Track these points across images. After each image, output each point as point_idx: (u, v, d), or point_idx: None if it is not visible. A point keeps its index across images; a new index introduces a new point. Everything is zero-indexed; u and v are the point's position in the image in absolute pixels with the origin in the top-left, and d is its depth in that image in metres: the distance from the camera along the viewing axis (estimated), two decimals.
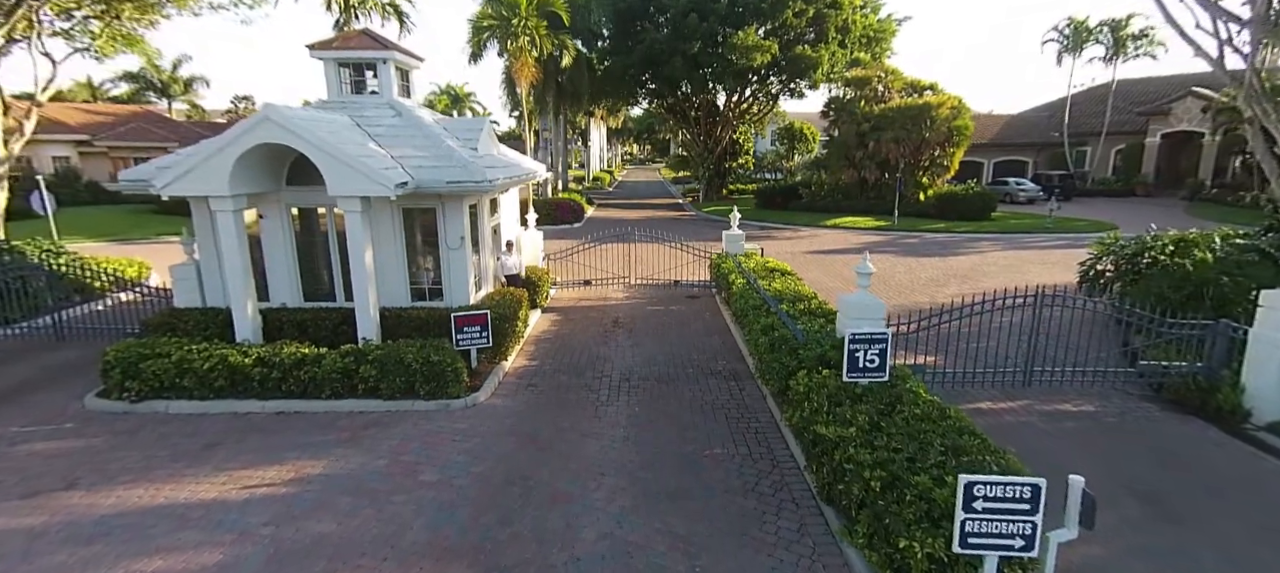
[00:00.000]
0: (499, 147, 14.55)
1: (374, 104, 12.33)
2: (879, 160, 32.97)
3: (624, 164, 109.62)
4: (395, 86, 12.57)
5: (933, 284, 18.32)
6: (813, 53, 33.88)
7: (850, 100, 34.35)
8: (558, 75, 36.08)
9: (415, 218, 11.51)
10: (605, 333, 13.54)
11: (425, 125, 11.86)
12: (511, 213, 15.76)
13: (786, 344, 8.64)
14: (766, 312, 10.32)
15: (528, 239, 16.45)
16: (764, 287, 11.94)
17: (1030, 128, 47.41)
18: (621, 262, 18.33)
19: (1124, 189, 41.60)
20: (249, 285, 10.37)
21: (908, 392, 7.08)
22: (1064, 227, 28.73)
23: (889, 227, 29.89)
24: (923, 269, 20.58)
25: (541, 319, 14.62)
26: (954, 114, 31.58)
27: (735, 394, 10.07)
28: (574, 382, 10.71)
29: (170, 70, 57.36)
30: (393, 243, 11.38)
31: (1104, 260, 14.49)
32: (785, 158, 54.08)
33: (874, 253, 23.77)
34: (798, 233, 29.71)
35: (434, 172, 10.72)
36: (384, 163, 10.30)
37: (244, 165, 9.84)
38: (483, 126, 13.11)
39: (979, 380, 10.69)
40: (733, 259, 15.23)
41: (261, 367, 9.44)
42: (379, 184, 9.62)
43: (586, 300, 16.52)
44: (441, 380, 9.46)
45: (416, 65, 13.47)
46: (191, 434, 8.78)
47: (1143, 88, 44.75)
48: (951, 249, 24.51)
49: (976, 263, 21.54)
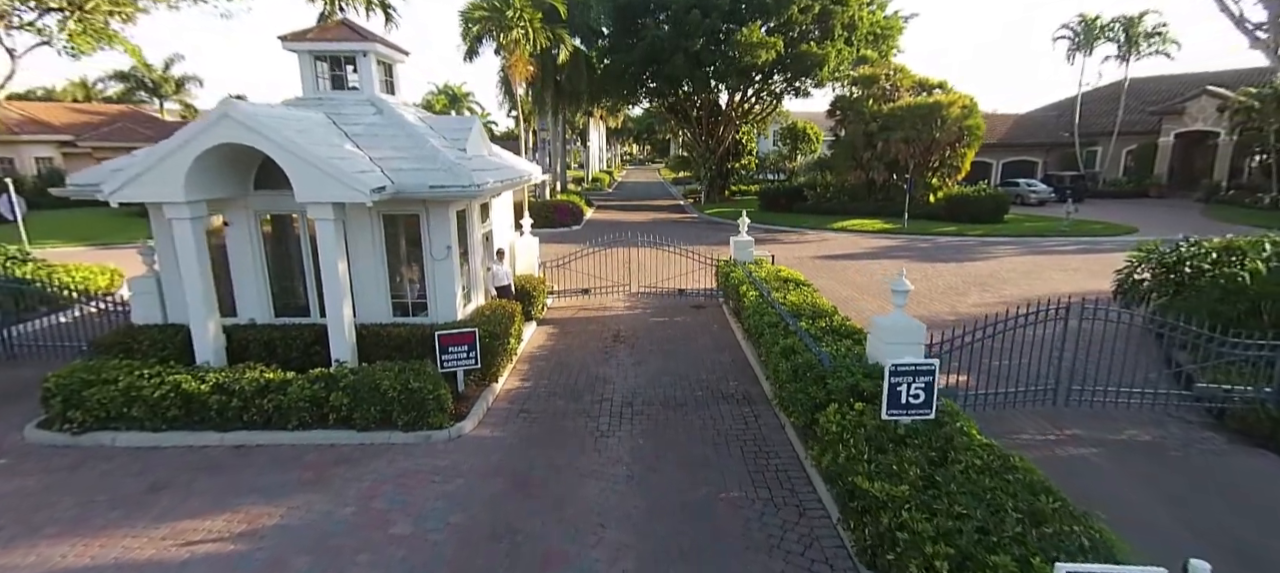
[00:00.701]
0: (491, 147, 13.54)
1: (353, 101, 11.31)
2: (887, 161, 31.95)
3: (623, 164, 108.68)
4: (377, 82, 11.54)
5: (952, 292, 17.31)
6: (819, 50, 32.86)
7: (857, 99, 33.32)
8: (556, 74, 35.06)
9: (398, 225, 10.48)
10: (605, 349, 12.51)
11: (408, 124, 10.83)
12: (505, 218, 14.74)
13: (811, 371, 7.61)
14: (785, 331, 9.29)
15: (522, 246, 15.43)
16: (779, 300, 10.91)
17: (1039, 128, 46.41)
18: (622, 268, 17.31)
19: (1136, 190, 40.59)
20: (210, 301, 9.34)
21: (958, 433, 6.06)
22: (1080, 230, 27.72)
23: (899, 230, 28.87)
24: (939, 276, 19.56)
25: (537, 333, 13.59)
26: (965, 113, 30.56)
27: (750, 423, 9.04)
28: (571, 407, 9.67)
29: (162, 69, 56.27)
30: (372, 253, 10.36)
31: (1142, 269, 13.46)
32: (788, 158, 53.02)
33: (886, 258, 22.79)
34: (804, 236, 28.69)
35: (416, 175, 9.70)
36: (360, 165, 9.28)
37: (203, 168, 8.82)
38: (472, 126, 12.08)
39: (1013, 402, 9.69)
40: (742, 268, 14.20)
41: (220, 394, 8.41)
42: (352, 189, 8.60)
43: (586, 311, 15.50)
44: (422, 410, 8.43)
45: (400, 59, 12.44)
46: (138, 473, 7.76)
47: (1154, 86, 43.75)
48: (966, 254, 23.49)
49: (994, 269, 20.52)
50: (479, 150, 12.37)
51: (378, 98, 11.37)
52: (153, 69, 55.78)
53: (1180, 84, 42.65)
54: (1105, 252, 23.53)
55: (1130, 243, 25.03)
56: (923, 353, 7.86)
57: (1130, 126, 42.23)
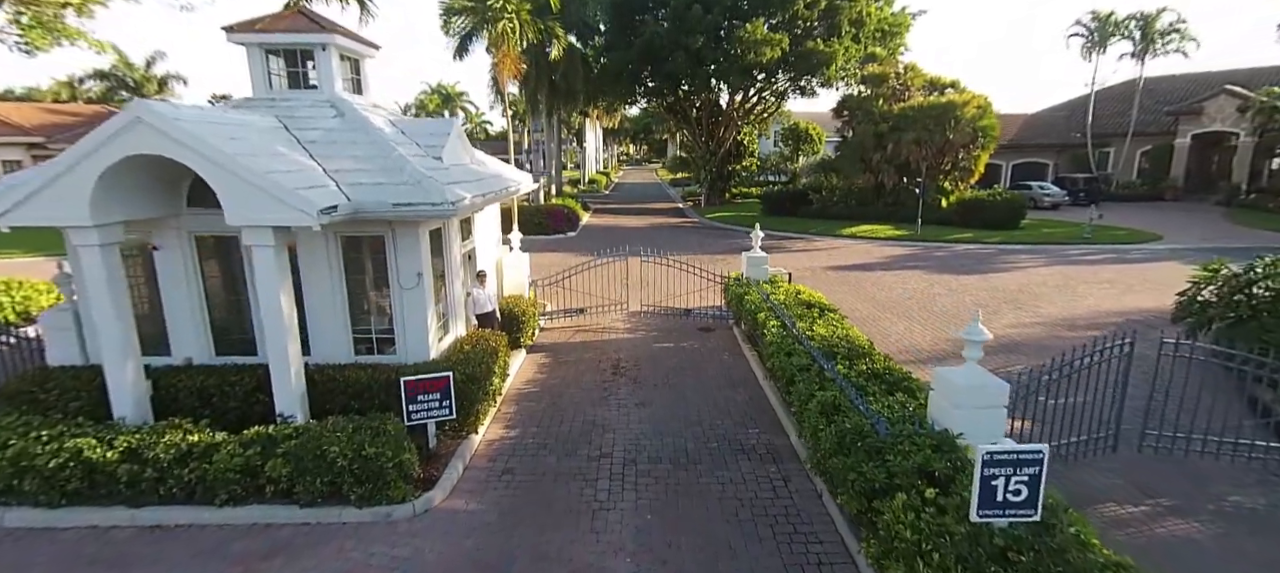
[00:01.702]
0: (474, 153, 12.00)
1: (311, 102, 9.74)
2: (898, 164, 30.48)
3: (620, 164, 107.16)
4: (339, 80, 9.98)
5: (983, 311, 15.69)
6: (825, 47, 31.34)
7: (866, 98, 31.85)
8: (550, 72, 33.49)
9: (361, 249, 8.92)
10: (604, 383, 10.97)
11: (373, 129, 9.26)
12: (490, 233, 13.19)
13: (862, 440, 6.08)
14: (820, 379, 7.75)
15: (510, 263, 13.87)
16: (805, 332, 9.38)
17: (1049, 128, 45.01)
18: (621, 284, 15.76)
19: (1151, 193, 39.21)
20: (126, 343, 7.75)
21: (1074, 544, 4.54)
22: (1103, 237, 26.28)
23: (912, 236, 27.39)
24: (965, 290, 18.07)
25: (526, 363, 12.04)
26: (980, 114, 29.11)
27: (779, 490, 7.50)
28: (564, 467, 8.13)
29: (143, 68, 54.47)
30: (329, 281, 8.79)
31: (1207, 289, 11.98)
32: (790, 160, 51.51)
33: (903, 268, 21.31)
34: (812, 243, 27.20)
35: (377, 190, 8.15)
36: (308, 179, 7.72)
37: (116, 183, 7.25)
38: (450, 130, 10.52)
39: (1076, 454, 8.20)
40: (756, 288, 12.66)
41: (132, 462, 6.84)
42: (294, 209, 7.04)
43: (581, 335, 13.95)
44: (379, 480, 6.87)
45: (369, 54, 10.87)
46: (21, 566, 6.19)
47: (1169, 86, 42.37)
48: (988, 264, 22.01)
49: (1023, 282, 19.04)
50: (459, 158, 10.81)
51: (340, 98, 9.80)
52: (134, 67, 54.05)
53: (1195, 83, 41.32)
54: (1135, 261, 22.11)
55: (1160, 252, 23.67)
56: (1005, 418, 6.33)
57: (1144, 127, 40.86)
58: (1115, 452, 8.47)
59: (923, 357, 12.39)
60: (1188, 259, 22.21)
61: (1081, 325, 14.50)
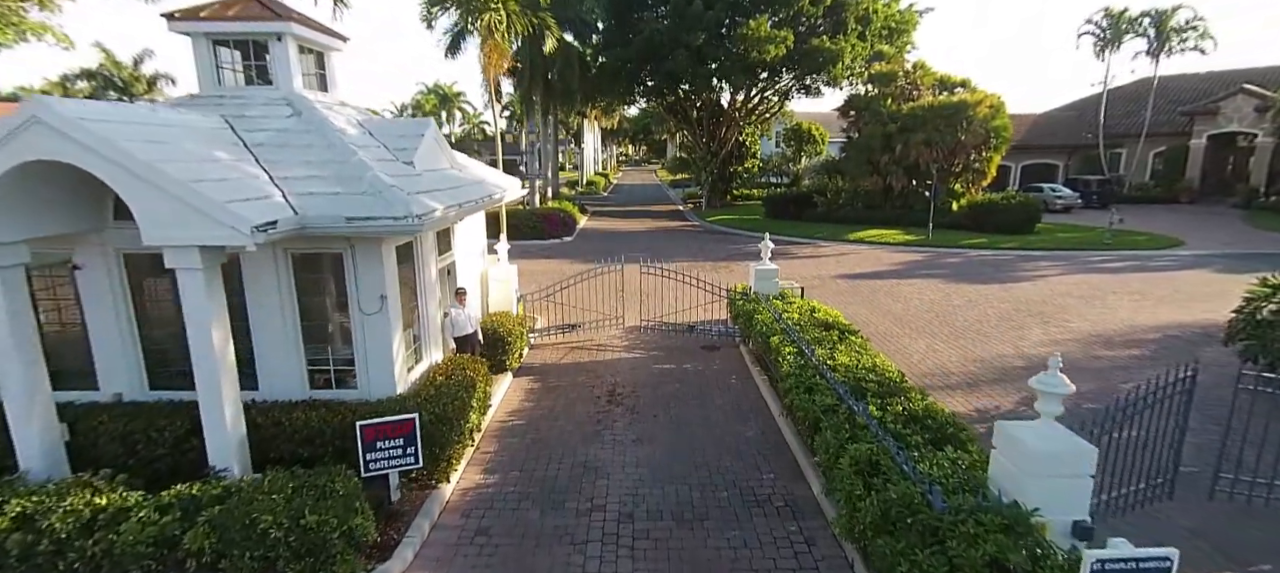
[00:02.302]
0: (454, 157, 10.83)
1: (264, 100, 8.57)
2: (907, 165, 29.30)
3: (619, 165, 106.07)
4: (297, 75, 8.81)
5: (1008, 325, 14.64)
6: (831, 45, 30.18)
7: (874, 98, 30.71)
8: (546, 70, 32.33)
9: (316, 268, 7.75)
10: (598, 415, 9.80)
11: (331, 130, 8.09)
12: (474, 243, 12.02)
13: (913, 516, 4.90)
14: (849, 423, 6.56)
15: (496, 276, 12.70)
16: (825, 361, 8.21)
17: (1059, 128, 43.84)
18: (618, 296, 14.60)
19: (1166, 195, 38.04)
20: (32, 381, 6.57)
21: None
22: (1123, 242, 25.12)
23: (923, 242, 26.23)
24: (985, 301, 16.90)
25: (512, 390, 10.87)
26: (993, 113, 27.98)
27: (803, 557, 6.33)
28: (549, 524, 6.96)
29: (132, 66, 53.25)
30: (279, 306, 7.62)
31: (1268, 307, 10.81)
32: (792, 161, 50.35)
33: (917, 276, 20.16)
34: (819, 249, 26.04)
35: (330, 201, 6.99)
36: (246, 189, 6.55)
37: (16, 195, 6.08)
38: (424, 131, 9.35)
39: (1128, 504, 7.02)
40: (766, 306, 11.49)
41: (25, 531, 5.67)
42: (223, 225, 5.88)
43: (574, 354, 12.78)
44: (322, 555, 5.69)
45: (335, 46, 9.71)
46: None
47: (1181, 85, 41.24)
48: (1006, 272, 20.86)
49: (1046, 292, 17.88)
50: (434, 163, 9.63)
51: (297, 95, 8.64)
52: (122, 66, 52.83)
53: (1210, 82, 40.19)
54: (1161, 269, 20.95)
55: (1185, 259, 22.50)
56: (1091, 487, 5.15)
57: (1158, 127, 39.72)
58: (1171, 499, 7.30)
59: (952, 382, 11.23)
60: (1215, 267, 21.08)
61: (1117, 343, 13.35)
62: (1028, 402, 10.24)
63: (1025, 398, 10.38)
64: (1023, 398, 10.41)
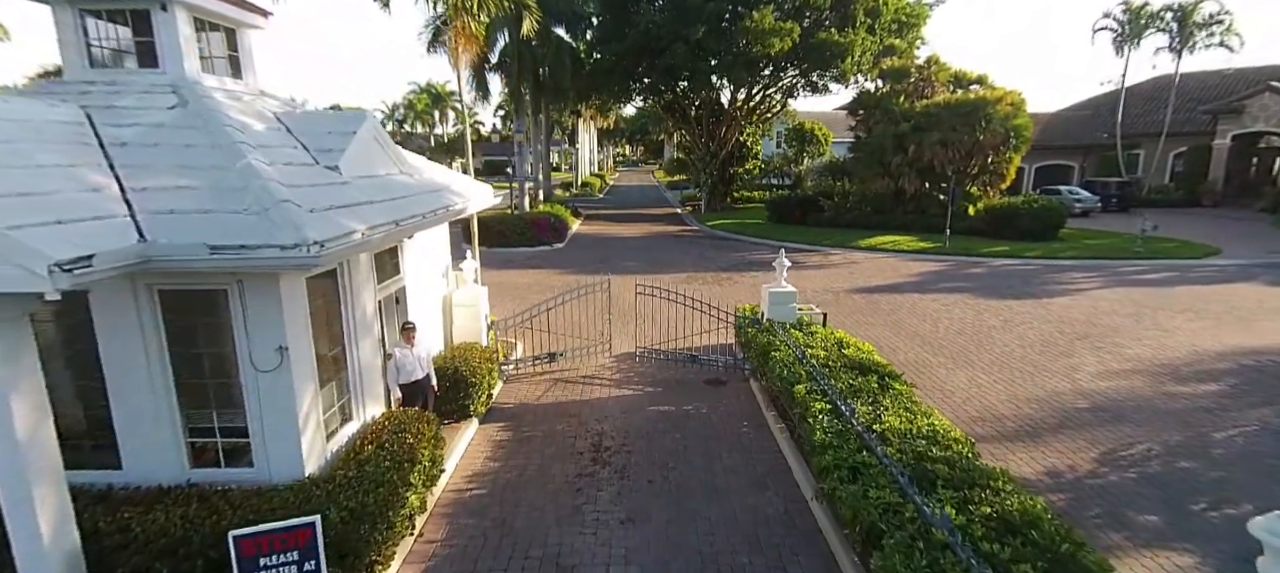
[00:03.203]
0: (405, 159, 8.89)
1: (144, 87, 6.65)
2: (920, 167, 27.44)
3: (616, 166, 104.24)
4: (191, 55, 6.88)
5: (1054, 352, 12.76)
6: (840, 38, 28.31)
7: (885, 95, 28.86)
8: (537, 66, 30.40)
9: (201, 307, 5.82)
10: (578, 478, 7.89)
11: (220, 125, 6.15)
12: (433, 264, 10.08)
13: None
14: (923, 535, 4.64)
15: (462, 302, 10.74)
16: (866, 421, 6.31)
17: (1074, 128, 42.02)
18: (607, 317, 12.69)
19: (1187, 199, 36.23)
20: None
21: None
22: (1155, 250, 23.26)
23: (940, 249, 24.36)
24: (1022, 320, 15.01)
25: (476, 442, 8.94)
26: (1013, 111, 26.16)
27: None
28: None
29: None
30: (143, 360, 5.69)
31: None
32: (794, 162, 48.47)
33: (939, 290, 18.28)
34: (828, 258, 24.14)
35: (197, 222, 5.08)
36: (72, 208, 4.63)
37: None
38: (356, 126, 7.42)
39: None
40: (784, 338, 9.57)
41: None
42: (5, 263, 3.94)
43: (555, 391, 10.85)
44: None
45: (252, 22, 7.78)
46: None
47: (1202, 83, 39.45)
48: (1036, 285, 18.99)
49: (1087, 310, 16.01)
50: (370, 167, 7.67)
51: (188, 81, 6.71)
52: None
53: (1232, 80, 38.41)
54: (1204, 281, 19.12)
55: (1227, 270, 20.62)
56: None
57: (1178, 127, 37.93)
58: None
59: (1008, 430, 9.34)
60: (1265, 279, 19.24)
61: (1188, 375, 11.49)
62: (1108, 460, 8.38)
63: (1105, 456, 8.51)
64: (1103, 455, 8.53)
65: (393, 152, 8.49)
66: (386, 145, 8.27)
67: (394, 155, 8.52)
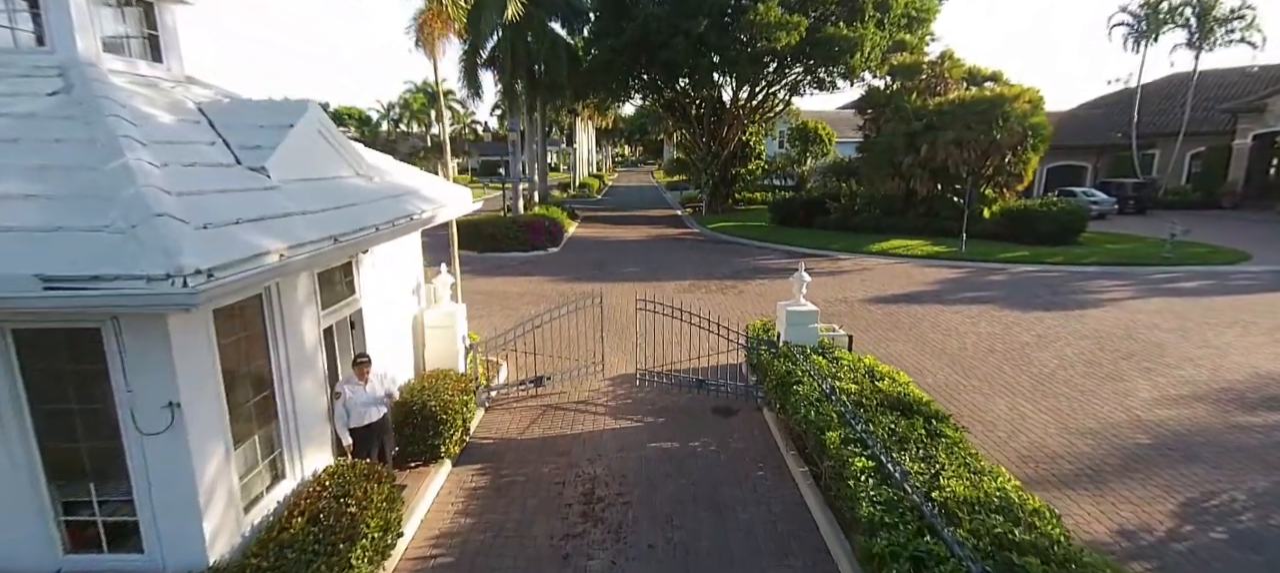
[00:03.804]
0: (362, 158, 7.58)
1: (25, 69, 5.35)
2: (933, 168, 26.15)
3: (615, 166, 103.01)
4: (87, 31, 5.58)
5: (1100, 374, 11.48)
6: (849, 32, 27.03)
7: (896, 92, 27.56)
8: (531, 62, 29.08)
9: (70, 352, 4.52)
10: (565, 544, 6.59)
11: (102, 116, 4.85)
12: (399, 280, 8.77)
13: None
14: None
15: (434, 323, 9.41)
16: (919, 480, 5.03)
17: (1087, 127, 40.74)
18: (605, 330, 11.40)
19: (1206, 200, 34.96)
20: None
21: None
22: (1184, 255, 21.97)
23: (955, 254, 23.07)
24: (1057, 336, 13.72)
25: (447, 490, 7.65)
26: (1031, 109, 24.89)
27: None
28: None
29: None
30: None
31: None
32: (797, 162, 47.14)
33: (959, 299, 16.99)
34: (838, 263, 22.85)
35: (29, 246, 3.77)
36: None
37: None
38: (297, 118, 6.11)
39: None
40: (806, 368, 8.27)
41: None
42: None
43: (542, 422, 9.56)
44: None
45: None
46: None
47: (1220, 81, 38.16)
48: (1064, 294, 17.71)
49: (1125, 323, 14.71)
50: (310, 169, 6.35)
51: (78, 62, 5.41)
52: None
53: (1252, 78, 37.13)
54: (1243, 290, 17.87)
55: (1264, 277, 19.36)
56: None
57: (1196, 126, 36.65)
58: None
59: (1063, 471, 8.05)
60: None
61: (1255, 402, 10.21)
62: (1189, 514, 7.09)
63: (1184, 508, 7.23)
64: (1181, 507, 7.25)
65: (347, 150, 7.19)
66: (338, 143, 6.97)
67: (349, 155, 7.22)
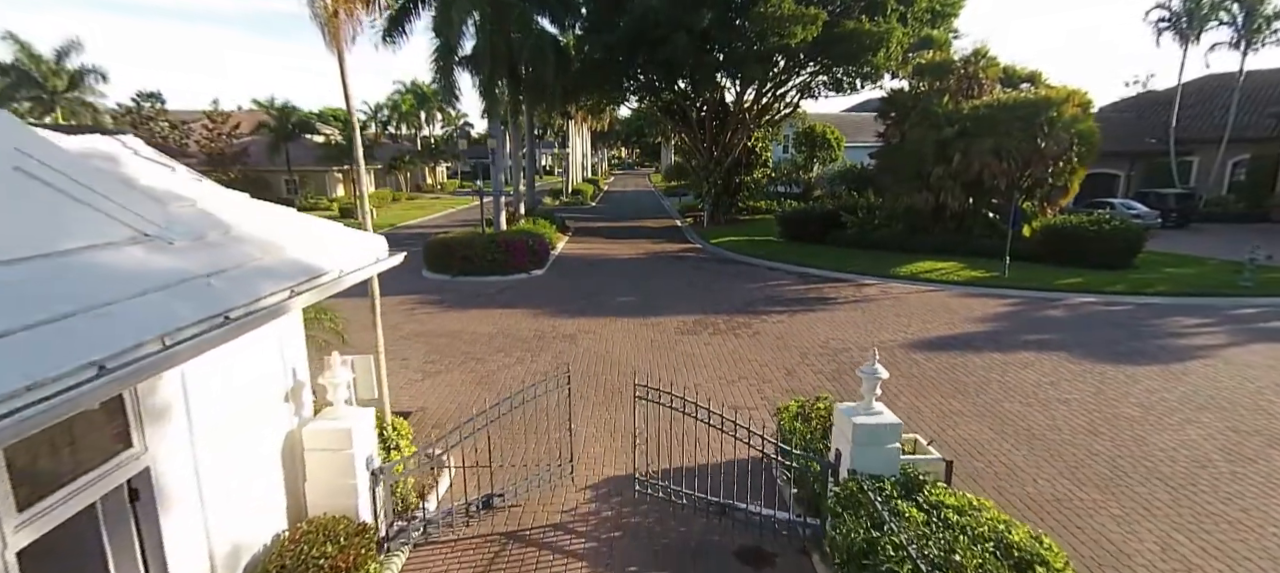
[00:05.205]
0: (172, 195, 4.59)
1: None
2: (967, 180, 23.22)
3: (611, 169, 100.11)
4: None
5: (1253, 472, 8.48)
6: (872, 27, 24.09)
7: (924, 94, 24.61)
8: (515, 60, 26.10)
9: None
10: None
11: None
12: (255, 384, 5.71)
13: None
14: None
15: (321, 444, 6.24)
16: None
17: (1118, 131, 37.79)
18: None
19: (1253, 212, 32.11)
20: None
21: None
22: (1268, 285, 18.99)
23: (999, 280, 20.12)
24: (1164, 405, 10.72)
25: None
26: (1080, 114, 22.00)
27: None
28: None
29: (53, 60, 46.70)
30: None
31: None
32: (804, 169, 44.18)
33: (1021, 344, 13.90)
34: (862, 289, 19.88)
35: None
36: None
37: None
38: None
39: None
40: (895, 534, 5.22)
41: None
42: None
43: (494, 570, 6.53)
44: None
45: None
46: None
47: (1266, 82, 35.28)
48: (1146, 336, 14.73)
49: (1239, 380, 11.73)
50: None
51: None
52: (41, 60, 46.33)
53: None
54: None
55: None
56: None
57: (1240, 132, 33.82)
58: None
59: None
60: None
61: None
62: None
63: None
64: None
65: (117, 192, 4.13)
66: (91, 182, 3.91)
67: (126, 200, 4.15)
